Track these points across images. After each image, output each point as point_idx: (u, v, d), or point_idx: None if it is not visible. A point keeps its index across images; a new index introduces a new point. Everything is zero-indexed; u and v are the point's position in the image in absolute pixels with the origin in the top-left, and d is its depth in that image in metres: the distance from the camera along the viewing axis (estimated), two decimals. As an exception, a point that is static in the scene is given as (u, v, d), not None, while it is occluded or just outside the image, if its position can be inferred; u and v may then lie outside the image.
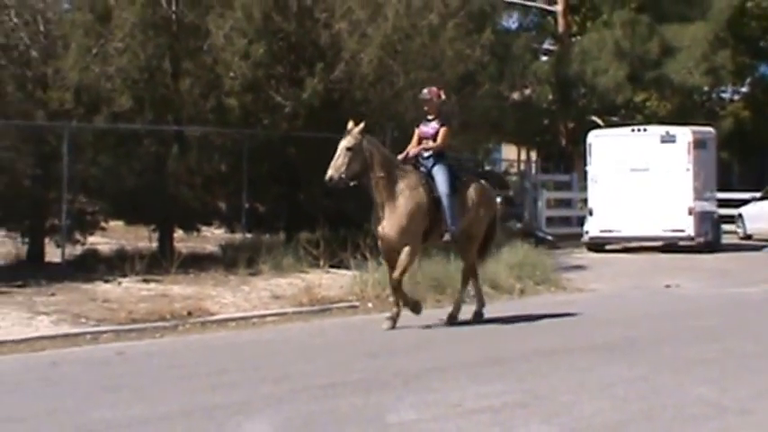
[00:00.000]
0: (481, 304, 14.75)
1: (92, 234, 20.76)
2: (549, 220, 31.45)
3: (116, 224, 22.01)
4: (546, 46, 39.04)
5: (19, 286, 16.26)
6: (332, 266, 18.70)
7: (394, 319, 13.53)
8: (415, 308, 13.89)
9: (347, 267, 17.89)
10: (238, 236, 21.43)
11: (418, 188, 13.61)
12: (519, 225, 29.77)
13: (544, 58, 37.90)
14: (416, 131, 14.38)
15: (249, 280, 16.99)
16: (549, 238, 28.49)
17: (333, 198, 21.10)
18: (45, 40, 19.55)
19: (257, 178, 20.58)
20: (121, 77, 19.59)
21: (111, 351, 12.28)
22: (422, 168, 13.97)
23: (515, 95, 35.17)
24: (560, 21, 37.24)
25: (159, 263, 17.26)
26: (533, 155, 41.00)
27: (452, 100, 24.79)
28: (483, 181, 15.37)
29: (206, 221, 22.26)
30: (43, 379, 10.71)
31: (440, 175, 13.80)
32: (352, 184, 13.55)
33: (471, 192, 14.35)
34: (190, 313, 14.19)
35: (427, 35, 22.43)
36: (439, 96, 14.38)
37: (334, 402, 9.29)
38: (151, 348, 12.10)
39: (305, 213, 21.21)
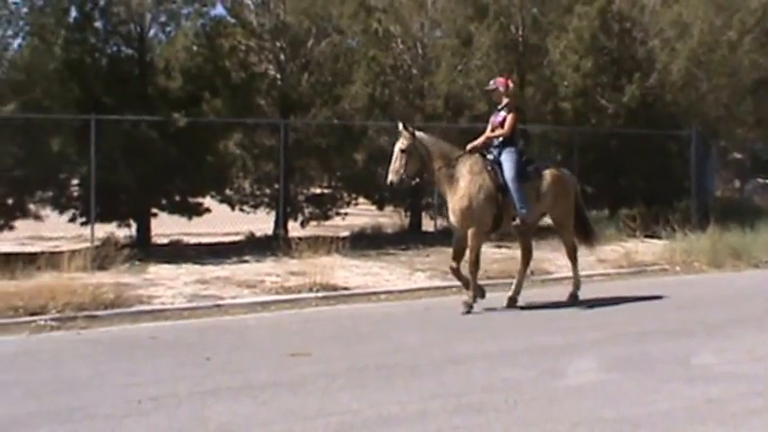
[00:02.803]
0: (577, 287, 12.25)
1: (456, 209, 21.10)
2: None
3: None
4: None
5: (402, 249, 16.79)
6: (646, 236, 18.32)
7: (470, 304, 11.33)
8: (479, 294, 11.62)
9: (659, 237, 17.48)
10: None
11: (481, 173, 11.30)
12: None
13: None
14: (490, 122, 11.92)
15: (580, 247, 16.74)
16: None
17: (647, 181, 20.74)
18: (422, 60, 20.10)
19: (586, 166, 20.26)
20: (480, 88, 19.84)
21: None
22: (489, 156, 11.58)
23: (804, 95, 33.23)
24: None
25: (509, 233, 17.29)
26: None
27: (747, 100, 23.86)
28: (564, 169, 12.57)
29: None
30: (420, 320, 10.97)
31: (507, 162, 11.41)
32: (414, 182, 11.53)
33: (546, 178, 11.83)
34: (532, 272, 14.11)
35: (727, 48, 21.65)
36: (507, 86, 11.81)
37: (647, 346, 9.05)
38: (502, 299, 12.12)
39: (624, 194, 20.90)
